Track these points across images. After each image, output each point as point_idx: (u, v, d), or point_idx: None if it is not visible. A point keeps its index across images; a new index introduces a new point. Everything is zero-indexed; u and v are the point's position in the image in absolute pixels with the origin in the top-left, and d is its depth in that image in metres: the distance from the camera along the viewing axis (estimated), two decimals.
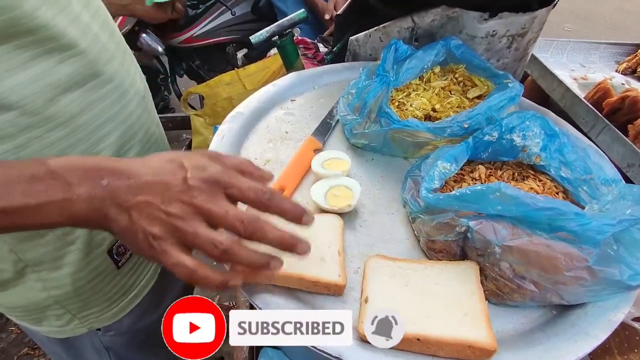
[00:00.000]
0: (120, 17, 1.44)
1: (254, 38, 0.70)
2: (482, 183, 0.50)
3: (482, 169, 0.52)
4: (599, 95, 0.91)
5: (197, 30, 1.60)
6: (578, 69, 1.15)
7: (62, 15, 0.43)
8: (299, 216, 0.35)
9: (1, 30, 0.38)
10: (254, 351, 0.62)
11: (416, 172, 0.53)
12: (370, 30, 0.74)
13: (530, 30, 0.72)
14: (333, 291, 0.41)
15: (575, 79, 1.10)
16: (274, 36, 0.72)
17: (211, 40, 1.63)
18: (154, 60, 1.75)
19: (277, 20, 1.42)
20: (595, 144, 0.88)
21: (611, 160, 0.84)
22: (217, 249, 0.33)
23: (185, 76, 1.86)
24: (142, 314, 0.63)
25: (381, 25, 0.72)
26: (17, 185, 0.32)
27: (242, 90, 0.78)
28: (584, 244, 0.36)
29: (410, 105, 0.62)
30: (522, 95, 0.59)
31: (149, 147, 0.58)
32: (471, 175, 0.51)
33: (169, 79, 1.84)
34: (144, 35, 1.53)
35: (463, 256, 0.44)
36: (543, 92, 1.06)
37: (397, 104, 0.63)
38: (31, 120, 0.43)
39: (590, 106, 0.89)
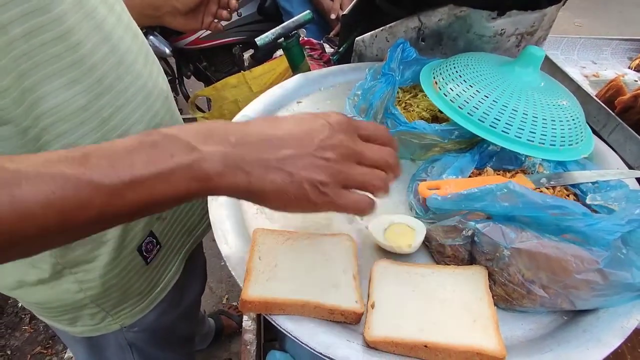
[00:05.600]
0: None
1: (260, 40, 0.70)
2: None
3: (490, 170, 0.52)
4: (611, 93, 0.89)
5: (204, 31, 1.60)
6: (589, 66, 1.13)
7: (86, 20, 0.44)
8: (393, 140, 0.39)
9: (30, 34, 0.39)
10: (261, 353, 0.62)
11: (422, 176, 0.52)
12: (377, 30, 0.73)
13: (539, 28, 0.71)
14: (350, 319, 0.39)
15: (586, 77, 1.08)
16: (280, 38, 0.72)
17: (217, 42, 1.63)
18: (161, 62, 1.76)
19: (283, 21, 1.42)
20: (607, 144, 0.86)
21: (624, 160, 0.83)
22: (381, 181, 0.35)
23: (192, 77, 1.87)
24: (165, 309, 0.66)
25: (387, 25, 0.72)
26: (137, 156, 0.29)
27: (248, 92, 0.78)
28: (593, 245, 0.36)
29: (417, 106, 0.61)
30: None
31: None
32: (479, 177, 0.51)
33: (177, 81, 1.85)
34: (151, 37, 1.54)
35: (471, 261, 0.43)
36: None
37: (403, 104, 0.62)
38: (66, 127, 0.45)
39: (602, 104, 0.87)
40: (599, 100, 0.88)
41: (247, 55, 1.72)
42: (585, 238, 0.36)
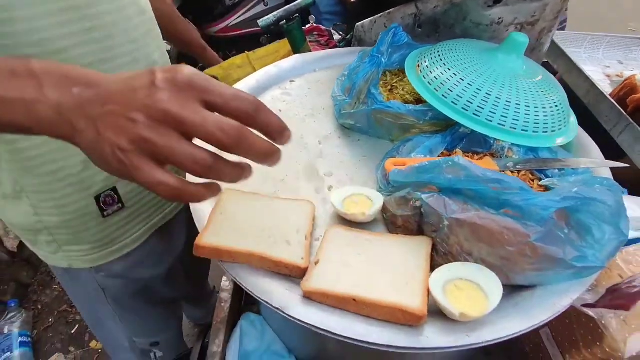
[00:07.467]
0: None
1: (262, 22, 0.74)
2: None
3: (459, 152, 0.52)
4: (625, 91, 0.85)
5: (233, 20, 1.67)
6: (615, 65, 1.08)
7: None
8: (282, 132, 0.32)
9: None
10: (239, 313, 0.66)
11: (394, 154, 0.54)
12: (376, 16, 0.75)
13: (541, 18, 0.69)
14: (295, 273, 0.41)
15: (608, 76, 1.03)
16: (282, 21, 0.75)
17: (245, 31, 1.69)
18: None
19: (309, 10, 1.45)
20: (617, 145, 0.83)
21: (632, 162, 0.80)
22: (200, 166, 0.29)
23: None
24: (133, 265, 0.69)
25: (386, 12, 0.73)
26: None
27: (251, 72, 0.82)
28: (529, 220, 0.36)
29: (402, 89, 0.63)
30: None
31: None
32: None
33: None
34: None
35: (420, 232, 0.44)
36: (572, 91, 1.01)
37: (389, 87, 0.64)
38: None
39: (615, 103, 0.84)
40: (612, 99, 0.85)
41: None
42: (522, 213, 0.37)
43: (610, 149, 0.78)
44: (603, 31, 1.12)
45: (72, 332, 1.60)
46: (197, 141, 0.30)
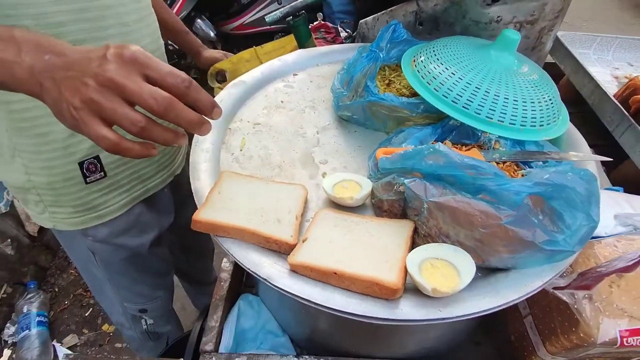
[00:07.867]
0: (180, 1, 1.61)
1: (269, 17, 0.77)
2: None
3: (449, 143, 0.54)
4: (628, 92, 0.85)
5: (248, 18, 1.72)
6: (624, 67, 1.08)
7: None
8: (211, 108, 0.38)
9: None
10: (238, 293, 0.69)
11: (386, 145, 0.56)
12: (378, 13, 0.77)
13: (541, 17, 0.71)
14: (283, 249, 0.44)
15: (616, 77, 1.03)
16: (288, 17, 0.78)
17: (259, 29, 1.74)
18: (210, 45, 1.91)
19: (322, 10, 1.48)
20: (619, 145, 0.83)
21: (634, 163, 0.80)
22: (135, 126, 0.35)
23: None
24: (118, 233, 0.73)
25: (389, 9, 0.75)
26: None
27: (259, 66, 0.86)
28: (502, 204, 0.38)
29: (399, 84, 0.65)
30: None
31: None
32: None
33: None
34: (199, 20, 1.69)
35: (404, 216, 0.47)
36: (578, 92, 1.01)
37: (387, 81, 0.66)
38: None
39: (618, 104, 0.84)
40: (615, 100, 0.85)
41: None
42: (496, 197, 0.39)
43: (613, 150, 0.79)
44: (616, 30, 1.11)
45: (86, 314, 1.67)
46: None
